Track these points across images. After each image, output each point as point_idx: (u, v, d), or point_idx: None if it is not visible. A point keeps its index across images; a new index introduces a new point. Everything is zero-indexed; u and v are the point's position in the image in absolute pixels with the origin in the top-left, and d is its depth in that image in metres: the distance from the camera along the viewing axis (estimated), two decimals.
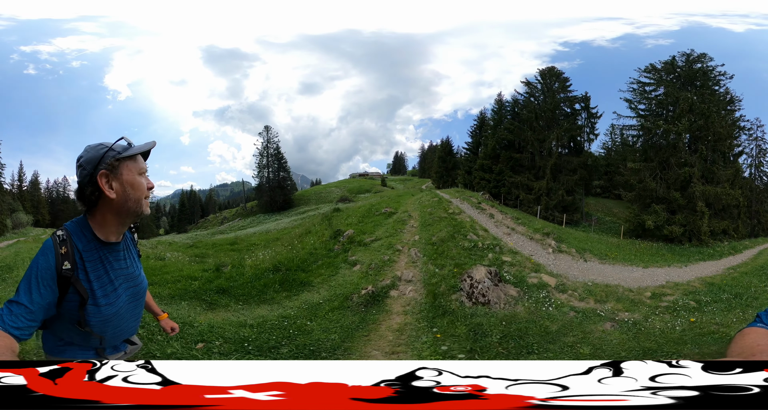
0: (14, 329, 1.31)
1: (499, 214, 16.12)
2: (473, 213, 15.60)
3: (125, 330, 1.68)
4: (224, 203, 39.80)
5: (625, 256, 11.80)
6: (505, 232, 13.04)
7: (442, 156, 29.68)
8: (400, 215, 14.97)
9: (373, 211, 17.02)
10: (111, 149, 1.50)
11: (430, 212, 14.74)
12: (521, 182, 20.25)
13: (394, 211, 16.15)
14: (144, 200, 1.57)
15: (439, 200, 18.18)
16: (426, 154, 38.37)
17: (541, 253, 10.91)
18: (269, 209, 29.88)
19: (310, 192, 34.74)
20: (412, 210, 15.96)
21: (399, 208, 16.94)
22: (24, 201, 25.91)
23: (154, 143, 1.62)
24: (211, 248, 16.23)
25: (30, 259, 1.48)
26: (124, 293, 1.60)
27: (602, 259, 11.08)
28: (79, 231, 1.51)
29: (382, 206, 17.99)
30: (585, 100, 20.62)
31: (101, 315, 1.52)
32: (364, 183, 35.80)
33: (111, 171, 1.48)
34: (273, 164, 30.09)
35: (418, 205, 17.28)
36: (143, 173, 1.58)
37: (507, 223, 14.75)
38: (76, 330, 1.52)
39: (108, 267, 1.54)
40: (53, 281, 1.41)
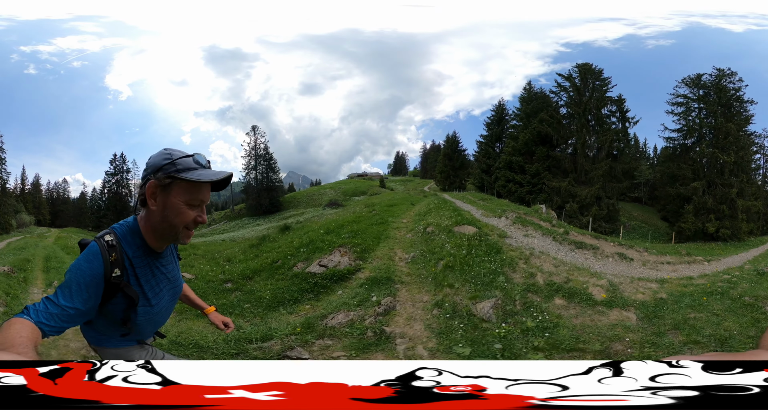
0: (45, 326, 1.31)
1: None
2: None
3: (158, 325, 1.78)
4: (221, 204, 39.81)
5: (703, 252, 13.70)
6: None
7: (448, 153, 25.86)
8: (368, 280, 7.26)
9: (324, 242, 9.87)
10: (173, 163, 1.40)
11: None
12: (565, 188, 17.17)
13: (356, 266, 8.02)
14: (183, 229, 1.46)
15: (477, 237, 9.28)
16: (428, 153, 38.09)
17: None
18: (255, 212, 29.24)
19: (302, 194, 34.38)
20: (412, 271, 8.04)
21: (375, 248, 9.22)
22: (26, 202, 26.39)
23: (227, 174, 1.43)
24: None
25: (33, 247, 1.51)
26: (167, 294, 1.67)
27: (710, 258, 12.48)
28: (129, 237, 1.50)
29: (345, 232, 10.46)
30: (619, 102, 18.59)
31: (149, 314, 1.60)
32: (360, 184, 35.41)
33: (161, 184, 1.40)
34: (260, 165, 29.53)
35: (424, 241, 9.76)
36: (198, 204, 1.44)
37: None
38: (117, 327, 1.58)
39: (156, 272, 1.59)
40: (98, 287, 1.42)
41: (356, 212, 16.78)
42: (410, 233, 11.21)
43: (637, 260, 9.52)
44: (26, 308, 1.34)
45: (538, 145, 17.75)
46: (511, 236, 10.41)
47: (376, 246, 9.73)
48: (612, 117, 18.79)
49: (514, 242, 9.99)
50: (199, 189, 1.42)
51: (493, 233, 10.35)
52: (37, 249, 12.43)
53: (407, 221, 12.85)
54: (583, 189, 17.45)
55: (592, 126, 18.43)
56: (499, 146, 20.83)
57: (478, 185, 20.96)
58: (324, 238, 10.56)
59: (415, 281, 7.60)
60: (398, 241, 10.53)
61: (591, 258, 9.23)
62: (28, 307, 1.34)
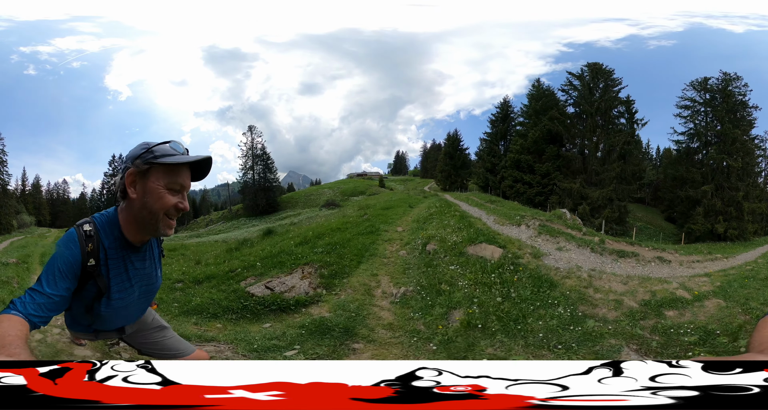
0: (35, 317, 1.31)
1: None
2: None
3: (127, 320, 1.76)
4: (221, 204, 39.71)
5: (719, 251, 14.21)
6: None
7: (449, 152, 24.64)
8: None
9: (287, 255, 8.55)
10: (149, 150, 1.41)
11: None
12: (576, 189, 16.36)
13: (314, 296, 6.38)
14: (164, 217, 1.43)
15: (508, 263, 7.23)
16: (428, 153, 38.06)
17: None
18: (252, 212, 29.16)
19: (301, 194, 34.22)
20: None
21: (352, 272, 7.22)
22: (27, 203, 26.70)
23: (206, 157, 1.44)
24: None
25: (33, 246, 1.51)
26: (137, 291, 1.64)
27: (726, 255, 12.97)
28: (107, 228, 1.49)
29: (322, 244, 8.89)
30: (627, 104, 18.21)
31: (111, 307, 1.57)
32: (359, 184, 35.28)
33: (139, 172, 1.41)
34: (258, 165, 29.48)
35: (424, 268, 7.31)
36: (178, 189, 1.43)
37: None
38: (83, 314, 1.59)
39: (128, 267, 1.56)
40: (77, 273, 1.43)
41: (346, 215, 14.75)
42: (405, 250, 8.81)
43: (674, 262, 9.53)
44: (12, 302, 1.32)
45: (548, 143, 16.84)
46: (548, 254, 8.15)
47: (354, 269, 7.46)
48: (620, 118, 18.59)
49: (556, 262, 7.86)
50: (177, 173, 1.42)
51: (524, 251, 7.98)
52: (36, 247, 13.93)
53: (403, 230, 10.63)
54: (594, 191, 16.81)
55: (602, 126, 18.15)
56: (503, 145, 19.97)
57: (482, 185, 19.79)
58: (294, 250, 8.84)
59: (400, 342, 4.70)
60: (387, 262, 8.05)
61: (638, 266, 8.66)
62: (14, 301, 1.32)
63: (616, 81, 18.86)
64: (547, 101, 18.44)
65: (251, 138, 29.96)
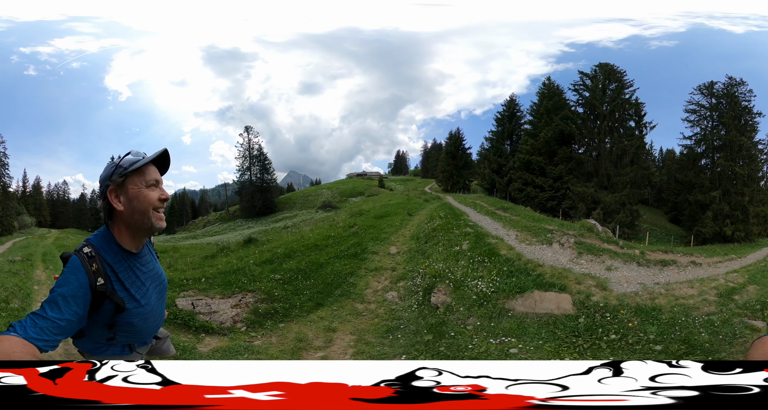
0: (37, 340, 1.29)
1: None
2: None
3: (156, 325, 1.79)
4: (219, 204, 39.63)
5: (732, 252, 14.83)
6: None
7: (451, 151, 24.01)
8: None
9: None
10: (118, 166, 1.57)
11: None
12: (589, 193, 15.75)
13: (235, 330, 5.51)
14: (152, 212, 1.57)
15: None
16: (429, 152, 37.98)
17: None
18: (249, 214, 29.10)
19: (298, 195, 34.07)
20: None
21: (305, 314, 5.82)
22: (27, 204, 26.83)
23: (162, 150, 1.61)
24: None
25: (35, 246, 1.52)
26: (153, 292, 1.70)
27: (739, 255, 13.42)
28: (105, 245, 1.58)
29: (284, 269, 7.59)
30: (637, 106, 17.93)
31: (141, 316, 1.63)
32: (359, 184, 35.08)
33: (118, 187, 1.55)
34: (255, 166, 29.39)
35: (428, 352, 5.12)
36: (155, 184, 1.59)
37: None
38: (106, 333, 1.60)
39: (138, 272, 1.63)
40: (86, 298, 1.45)
41: (333, 223, 12.75)
42: (395, 290, 6.61)
43: (704, 264, 9.94)
44: (11, 325, 1.30)
45: (561, 145, 15.76)
46: (609, 280, 6.87)
47: (306, 312, 5.78)
48: (630, 121, 18.22)
49: (625, 288, 6.71)
50: (148, 171, 1.58)
51: (586, 286, 6.33)
52: (37, 247, 14.92)
53: (397, 251, 8.34)
54: (607, 195, 16.21)
55: (614, 128, 17.88)
56: (509, 144, 19.06)
57: (488, 187, 18.62)
58: (251, 270, 7.70)
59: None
60: (362, 310, 5.91)
61: (680, 272, 8.58)
62: (13, 324, 1.30)
63: (626, 83, 18.60)
64: (559, 100, 17.88)
65: (248, 139, 29.93)
